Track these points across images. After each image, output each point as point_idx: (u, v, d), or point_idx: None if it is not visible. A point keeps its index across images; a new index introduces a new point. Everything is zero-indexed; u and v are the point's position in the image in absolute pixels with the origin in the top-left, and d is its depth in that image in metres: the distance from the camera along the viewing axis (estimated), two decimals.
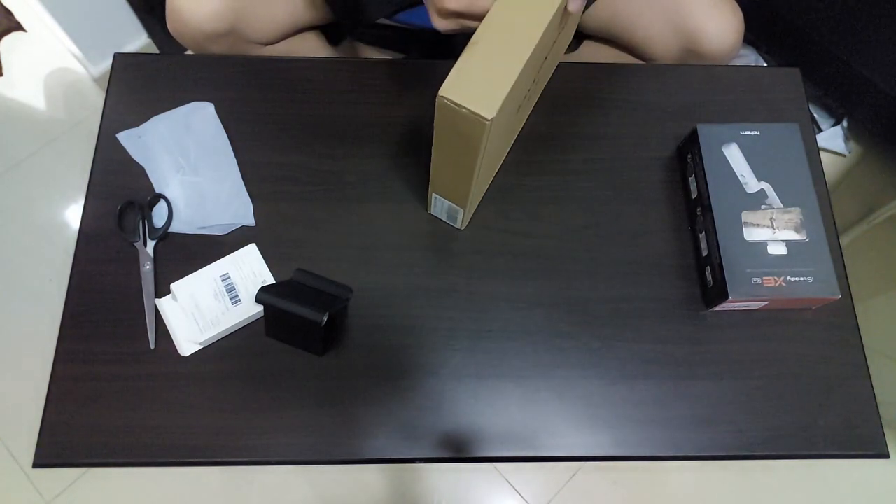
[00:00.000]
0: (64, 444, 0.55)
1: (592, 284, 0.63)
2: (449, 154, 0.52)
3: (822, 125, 1.36)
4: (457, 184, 0.56)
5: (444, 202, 0.60)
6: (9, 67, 1.37)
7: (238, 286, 0.60)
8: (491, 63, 0.45)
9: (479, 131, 0.45)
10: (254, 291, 0.57)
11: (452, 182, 0.56)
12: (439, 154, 0.53)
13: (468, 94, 0.44)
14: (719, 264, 0.59)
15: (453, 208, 0.60)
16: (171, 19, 0.75)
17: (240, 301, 0.59)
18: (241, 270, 0.60)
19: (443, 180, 0.57)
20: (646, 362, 0.60)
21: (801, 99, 0.72)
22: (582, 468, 1.12)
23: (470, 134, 0.46)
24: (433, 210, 0.63)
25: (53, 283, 1.20)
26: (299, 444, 0.56)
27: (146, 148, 0.65)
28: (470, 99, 0.44)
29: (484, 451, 0.57)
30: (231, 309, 0.59)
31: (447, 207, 0.60)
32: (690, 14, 0.76)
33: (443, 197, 0.59)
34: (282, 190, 0.65)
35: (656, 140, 0.69)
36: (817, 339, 0.61)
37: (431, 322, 0.61)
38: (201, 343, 0.58)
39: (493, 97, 0.44)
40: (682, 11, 0.76)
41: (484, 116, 0.43)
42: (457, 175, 0.54)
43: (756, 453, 0.58)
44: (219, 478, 1.09)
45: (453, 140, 0.49)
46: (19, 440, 1.11)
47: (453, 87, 0.44)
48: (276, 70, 0.71)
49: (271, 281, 0.61)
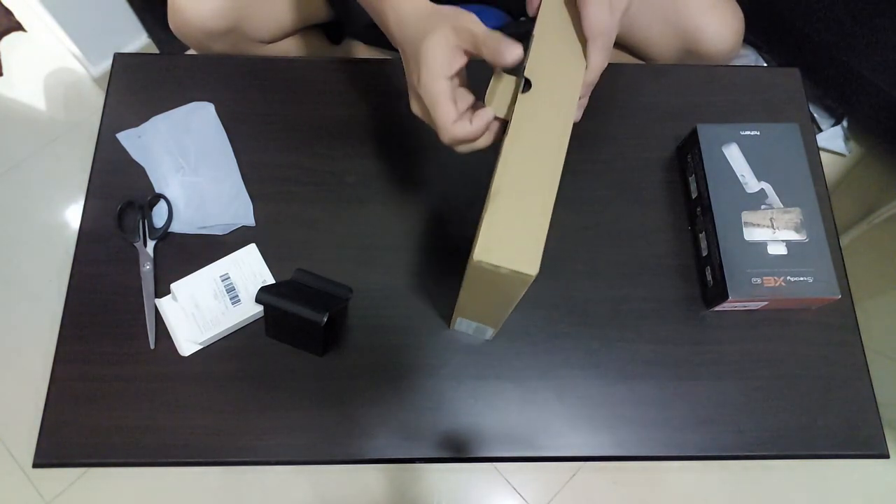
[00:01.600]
0: (64, 444, 0.55)
1: (592, 284, 0.63)
2: (483, 297, 0.50)
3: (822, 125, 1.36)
4: (490, 314, 0.54)
5: (471, 323, 0.58)
6: (9, 67, 1.37)
7: (238, 286, 0.60)
8: (518, 213, 0.43)
9: (522, 285, 0.44)
10: (254, 291, 0.57)
11: (485, 312, 0.54)
12: (471, 296, 0.51)
13: (506, 255, 0.41)
14: (719, 264, 0.59)
15: (482, 328, 0.58)
16: (172, 17, 0.75)
17: (240, 301, 0.59)
18: (241, 270, 0.60)
19: (473, 311, 0.55)
20: (646, 363, 0.60)
21: (801, 99, 0.72)
22: (582, 468, 1.12)
23: (511, 287, 0.44)
24: (457, 327, 0.60)
25: (53, 283, 1.19)
26: (299, 444, 0.56)
27: (146, 148, 0.65)
28: (509, 259, 0.41)
29: (484, 451, 0.57)
30: (231, 309, 0.59)
31: (475, 327, 0.58)
32: (690, 15, 0.76)
33: (472, 321, 0.57)
34: (282, 190, 0.65)
35: (656, 140, 0.69)
36: (817, 340, 0.61)
37: (431, 322, 0.61)
38: (201, 343, 0.58)
39: (532, 251, 0.42)
40: (682, 12, 0.76)
41: (528, 274, 0.41)
42: (491, 309, 0.53)
43: (756, 453, 0.58)
44: (219, 478, 1.09)
45: (490, 290, 0.47)
46: (19, 440, 1.11)
47: (488, 249, 0.42)
48: (276, 70, 0.71)
49: (271, 281, 0.61)
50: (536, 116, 0.46)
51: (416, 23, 0.48)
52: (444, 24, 0.46)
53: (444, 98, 0.46)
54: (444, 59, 0.46)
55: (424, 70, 0.47)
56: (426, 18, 0.48)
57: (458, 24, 0.46)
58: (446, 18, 0.47)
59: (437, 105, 0.46)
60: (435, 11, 0.48)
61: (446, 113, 0.46)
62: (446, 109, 0.46)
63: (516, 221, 0.43)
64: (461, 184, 0.66)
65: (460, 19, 0.46)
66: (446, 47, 0.46)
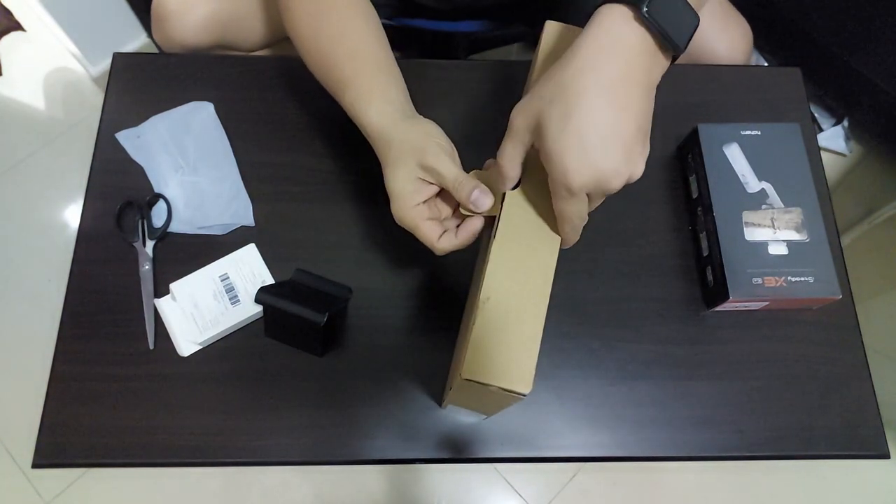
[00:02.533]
0: (63, 444, 0.55)
1: (592, 284, 0.63)
2: (473, 401, 0.49)
3: (822, 125, 1.36)
4: (483, 410, 0.54)
5: (464, 409, 0.56)
6: (8, 67, 1.37)
7: (237, 286, 0.59)
8: (509, 323, 0.41)
9: (514, 400, 0.41)
10: (253, 291, 0.57)
11: (477, 408, 0.53)
12: (460, 398, 0.49)
13: (495, 372, 0.39)
14: (720, 264, 0.59)
15: (475, 413, 0.57)
16: (156, 31, 0.74)
17: (239, 301, 0.59)
18: (241, 270, 0.60)
19: (465, 404, 0.53)
20: (646, 363, 0.60)
21: (801, 99, 0.72)
22: (582, 468, 1.12)
23: (502, 400, 0.43)
24: (448, 411, 0.57)
25: (53, 283, 1.19)
26: (299, 444, 0.56)
27: (145, 148, 0.65)
28: (500, 377, 0.39)
29: (484, 451, 0.57)
30: (230, 309, 0.59)
31: (468, 412, 0.57)
32: (701, 39, 0.75)
33: (464, 408, 0.56)
34: (281, 190, 0.65)
35: (656, 140, 0.68)
36: (818, 340, 0.61)
37: (431, 322, 0.60)
38: (201, 343, 0.58)
39: (524, 368, 0.39)
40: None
41: (521, 393, 0.39)
42: (483, 408, 0.52)
43: (756, 453, 0.58)
44: (219, 478, 1.09)
45: (480, 397, 0.45)
46: (19, 440, 1.11)
47: (475, 366, 0.39)
48: (276, 70, 0.70)
49: (270, 281, 0.61)
50: (526, 214, 0.44)
51: (385, 142, 0.48)
52: (410, 158, 0.46)
53: (422, 221, 0.46)
54: (413, 192, 0.46)
55: (394, 201, 0.47)
56: (396, 141, 0.47)
57: (425, 164, 0.45)
58: (413, 153, 0.46)
59: (417, 229, 0.47)
60: (403, 139, 0.47)
61: (428, 233, 0.46)
62: (427, 230, 0.46)
63: (507, 332, 0.40)
64: None
65: (427, 158, 0.45)
66: (413, 182, 0.46)
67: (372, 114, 0.49)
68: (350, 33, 0.52)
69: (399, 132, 0.47)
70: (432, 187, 0.47)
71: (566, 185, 0.39)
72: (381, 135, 0.48)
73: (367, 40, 0.52)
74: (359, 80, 0.50)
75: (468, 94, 0.69)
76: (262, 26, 0.77)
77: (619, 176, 0.40)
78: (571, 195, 0.40)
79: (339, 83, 0.52)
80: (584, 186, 0.39)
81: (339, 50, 0.52)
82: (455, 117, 0.67)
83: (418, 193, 0.46)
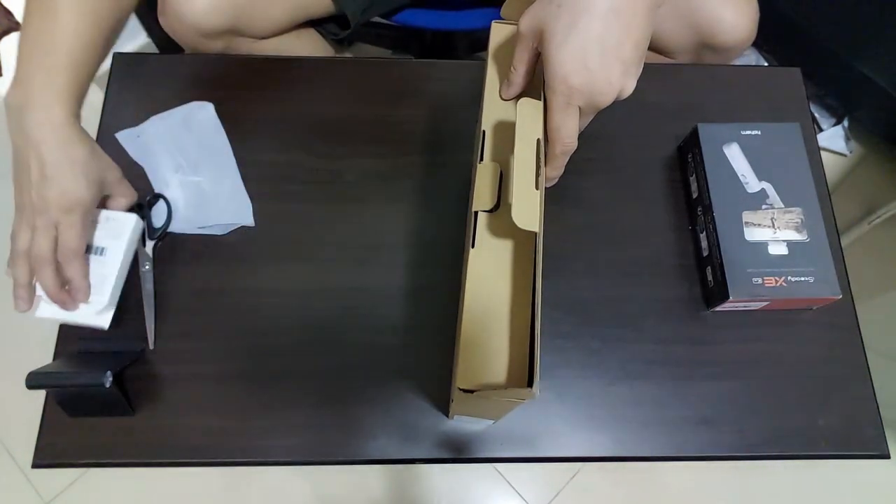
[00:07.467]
0: (63, 444, 0.55)
1: (592, 284, 0.63)
2: (476, 409, 0.49)
3: (822, 125, 1.36)
4: (488, 416, 0.54)
5: (470, 417, 0.56)
6: (8, 67, 1.37)
7: (98, 241, 0.57)
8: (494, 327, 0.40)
9: (518, 402, 0.41)
10: (106, 233, 0.56)
11: (482, 415, 0.53)
12: (462, 408, 0.49)
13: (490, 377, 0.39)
14: (720, 264, 0.59)
15: (481, 420, 0.57)
16: (164, 16, 0.71)
17: (104, 249, 0.57)
18: (100, 231, 0.58)
19: (470, 413, 0.54)
20: (646, 362, 0.60)
21: (801, 98, 0.72)
22: (582, 468, 1.12)
23: (506, 404, 0.43)
24: (455, 420, 0.57)
25: None
26: (299, 444, 0.56)
27: (145, 148, 0.65)
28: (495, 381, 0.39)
29: (484, 451, 0.57)
30: (101, 262, 0.56)
31: (475, 420, 0.57)
32: (705, 8, 0.75)
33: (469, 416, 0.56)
34: (281, 190, 0.65)
35: (656, 140, 0.69)
36: (818, 340, 0.61)
37: (432, 322, 0.60)
38: (110, 305, 0.56)
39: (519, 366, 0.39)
40: (696, 5, 0.75)
41: (521, 396, 0.39)
42: (487, 414, 0.52)
43: (756, 453, 0.58)
44: (219, 478, 1.09)
45: (485, 404, 0.45)
46: (19, 440, 1.11)
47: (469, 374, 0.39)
48: (276, 70, 0.70)
49: (128, 218, 0.58)
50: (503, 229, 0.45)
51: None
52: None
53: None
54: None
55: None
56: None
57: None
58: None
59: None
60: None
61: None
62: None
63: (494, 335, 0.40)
64: (461, 183, 0.66)
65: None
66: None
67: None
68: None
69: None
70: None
71: (563, 90, 0.43)
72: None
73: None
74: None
75: (468, 93, 0.69)
76: (276, 9, 0.76)
77: (612, 87, 0.44)
78: (567, 105, 0.43)
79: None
80: (579, 90, 0.43)
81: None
82: (455, 117, 0.67)
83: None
